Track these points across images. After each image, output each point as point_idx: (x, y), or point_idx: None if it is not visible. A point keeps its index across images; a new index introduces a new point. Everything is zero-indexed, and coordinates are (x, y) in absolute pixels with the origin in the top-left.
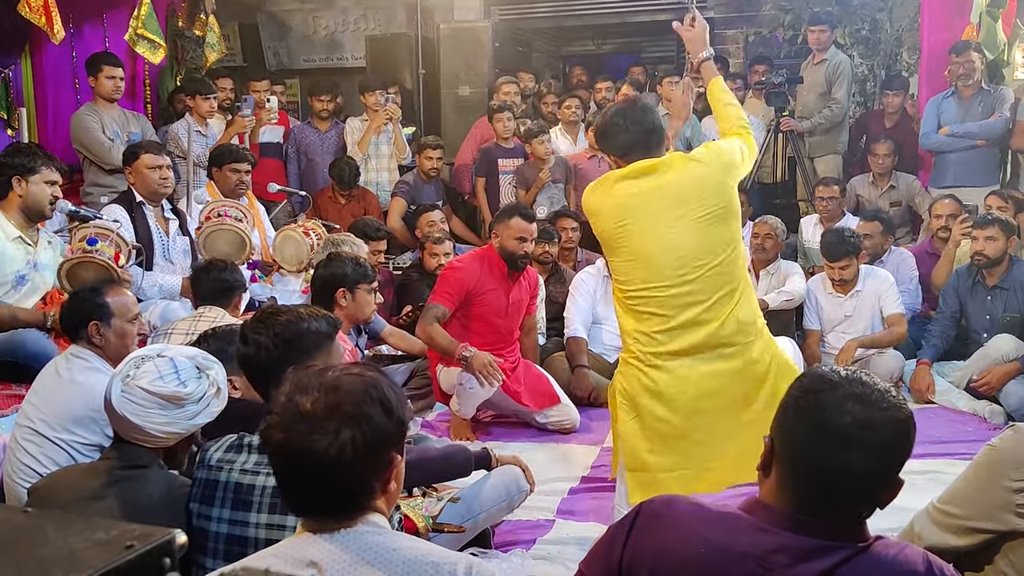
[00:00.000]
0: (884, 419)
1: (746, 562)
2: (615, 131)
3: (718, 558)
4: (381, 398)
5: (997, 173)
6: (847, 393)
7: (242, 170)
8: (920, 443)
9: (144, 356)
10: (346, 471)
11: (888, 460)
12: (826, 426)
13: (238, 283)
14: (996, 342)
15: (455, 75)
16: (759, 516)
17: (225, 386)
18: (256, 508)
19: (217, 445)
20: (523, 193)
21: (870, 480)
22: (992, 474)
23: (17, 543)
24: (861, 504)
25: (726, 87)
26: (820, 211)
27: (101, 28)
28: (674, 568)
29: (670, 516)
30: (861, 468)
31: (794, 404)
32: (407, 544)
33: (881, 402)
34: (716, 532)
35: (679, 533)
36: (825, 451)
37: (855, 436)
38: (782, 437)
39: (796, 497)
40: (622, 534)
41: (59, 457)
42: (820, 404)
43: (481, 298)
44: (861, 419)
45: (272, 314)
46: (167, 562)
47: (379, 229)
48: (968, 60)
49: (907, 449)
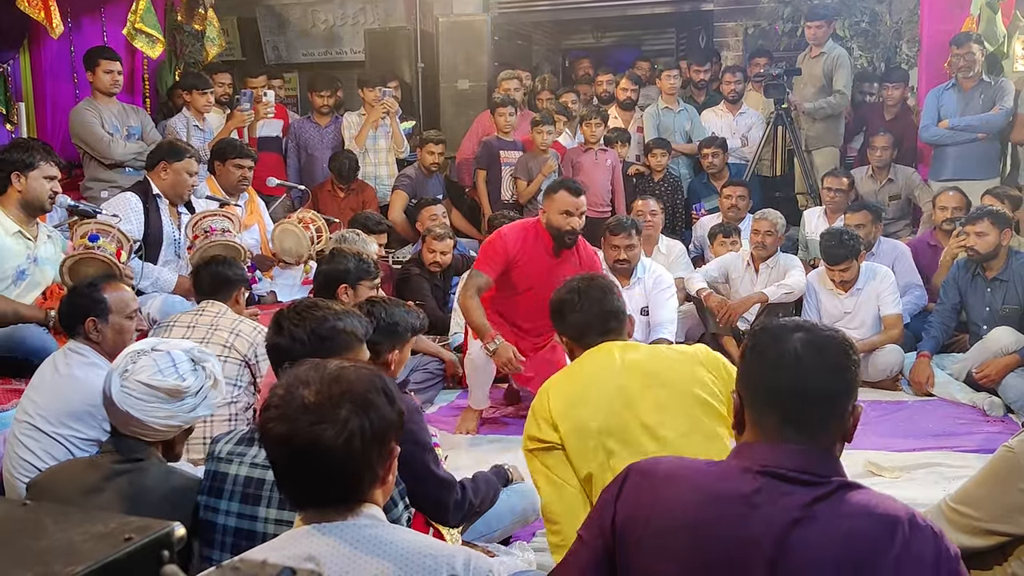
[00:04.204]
0: (828, 339)
1: (733, 502)
2: (568, 309)
3: (708, 501)
4: (384, 388)
5: (997, 166)
6: (793, 327)
7: (245, 166)
8: (920, 436)
9: (140, 351)
10: (353, 460)
11: (840, 377)
12: (780, 354)
13: (238, 277)
14: (995, 334)
15: (454, 69)
16: (740, 459)
17: (221, 377)
18: (265, 503)
19: (228, 437)
20: (524, 184)
21: (829, 399)
22: (1009, 477)
23: (16, 536)
24: (827, 428)
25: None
26: (827, 202)
27: (99, 23)
28: (667, 517)
29: (658, 472)
30: (818, 385)
31: (750, 349)
32: (405, 536)
33: (823, 329)
34: (704, 479)
35: (669, 485)
36: (785, 376)
37: (806, 356)
38: (746, 382)
39: (769, 431)
40: (613, 494)
41: (58, 452)
42: (772, 339)
43: (520, 267)
44: (808, 342)
45: (309, 308)
46: (165, 554)
47: (380, 223)
48: (969, 52)
49: (854, 367)
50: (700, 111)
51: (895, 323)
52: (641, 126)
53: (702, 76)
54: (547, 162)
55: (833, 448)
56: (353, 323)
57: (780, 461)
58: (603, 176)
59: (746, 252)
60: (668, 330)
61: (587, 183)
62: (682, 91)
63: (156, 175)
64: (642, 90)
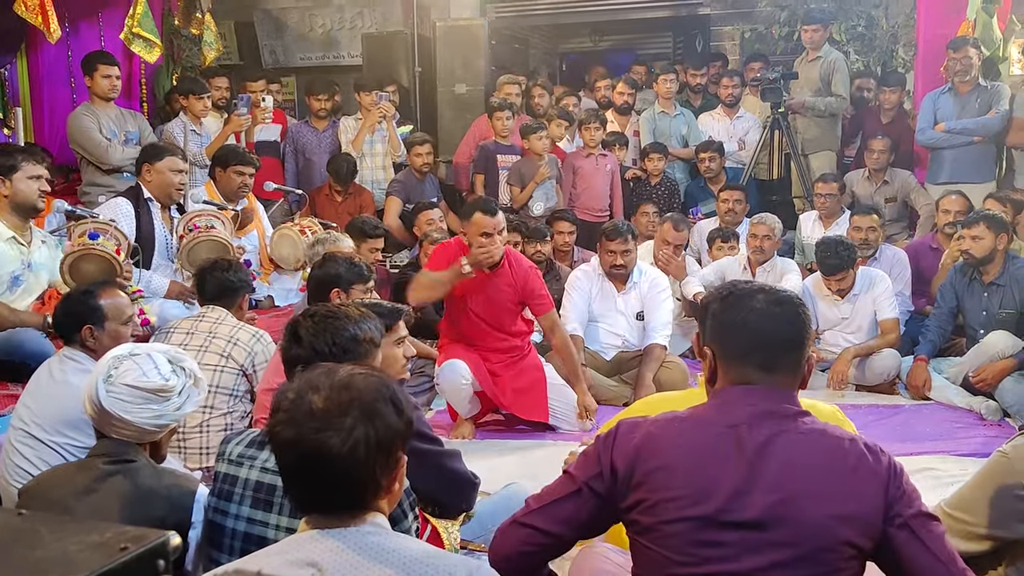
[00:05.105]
0: (785, 298)
1: (717, 427)
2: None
3: (694, 427)
4: (392, 397)
5: (993, 169)
6: (754, 289)
7: (246, 173)
8: (917, 440)
9: (120, 356)
10: (357, 468)
11: (800, 327)
12: (747, 309)
13: (242, 283)
14: (992, 338)
15: (451, 73)
16: (719, 401)
17: (201, 375)
18: (277, 510)
19: (239, 438)
20: (518, 190)
21: (791, 346)
22: (1004, 483)
23: (12, 545)
24: (790, 371)
25: None
26: (819, 207)
27: (97, 27)
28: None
29: (646, 421)
30: (782, 336)
31: (719, 307)
32: (410, 545)
33: (779, 291)
34: (691, 419)
35: (658, 424)
36: (752, 322)
37: (768, 310)
38: (715, 334)
39: (743, 378)
40: (608, 444)
41: (53, 460)
42: (738, 297)
43: (461, 285)
44: (769, 300)
45: (327, 317)
46: (161, 564)
47: (377, 227)
48: (965, 56)
49: (806, 321)
50: (697, 115)
51: (892, 328)
52: (638, 130)
53: (699, 80)
54: (539, 169)
55: (795, 387)
56: (371, 330)
57: (755, 400)
58: (602, 181)
59: (743, 256)
60: (662, 334)
61: (586, 188)
62: (678, 95)
63: (143, 179)
64: (639, 94)
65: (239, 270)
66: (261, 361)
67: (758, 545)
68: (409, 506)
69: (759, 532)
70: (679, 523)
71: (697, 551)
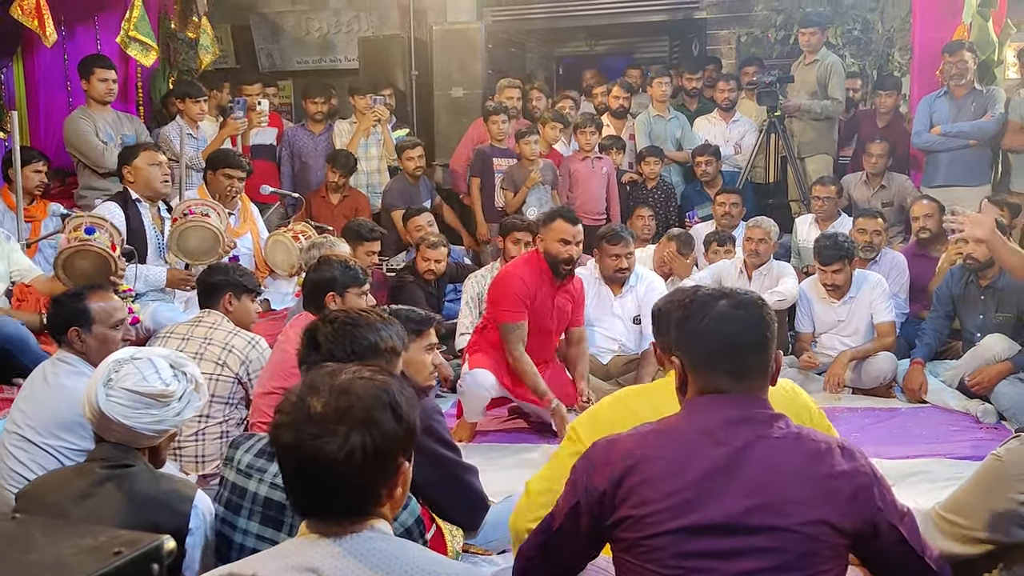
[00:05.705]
0: (747, 300)
1: (694, 436)
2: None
3: (671, 439)
4: (392, 403)
5: (989, 173)
6: (717, 295)
7: (235, 176)
8: (913, 443)
9: (120, 360)
10: (354, 476)
11: (760, 328)
12: (710, 315)
13: (220, 281)
14: (988, 341)
15: (448, 77)
16: (692, 411)
17: (202, 379)
18: (287, 529)
19: (248, 445)
20: (511, 195)
21: (757, 348)
22: (998, 486)
23: (6, 550)
24: (759, 374)
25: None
26: (816, 210)
27: (93, 30)
28: (639, 461)
29: (620, 437)
30: (747, 339)
31: (682, 315)
32: (410, 552)
33: (740, 294)
34: (664, 425)
35: (634, 439)
36: (717, 328)
37: (731, 314)
38: (685, 347)
39: (712, 385)
40: (586, 468)
41: (48, 463)
42: (700, 304)
43: (534, 306)
44: (732, 304)
45: (348, 324)
46: (155, 568)
47: (373, 230)
48: (961, 60)
49: (771, 322)
50: (693, 119)
51: (888, 331)
52: (633, 134)
53: (694, 84)
54: (530, 174)
55: (765, 390)
56: (392, 337)
57: (728, 408)
58: (599, 184)
59: (739, 259)
60: None
61: (583, 191)
62: (673, 99)
63: (126, 181)
64: (635, 98)
65: (217, 271)
66: (256, 368)
67: (741, 552)
68: (416, 524)
69: (742, 539)
70: (663, 536)
71: (682, 563)
